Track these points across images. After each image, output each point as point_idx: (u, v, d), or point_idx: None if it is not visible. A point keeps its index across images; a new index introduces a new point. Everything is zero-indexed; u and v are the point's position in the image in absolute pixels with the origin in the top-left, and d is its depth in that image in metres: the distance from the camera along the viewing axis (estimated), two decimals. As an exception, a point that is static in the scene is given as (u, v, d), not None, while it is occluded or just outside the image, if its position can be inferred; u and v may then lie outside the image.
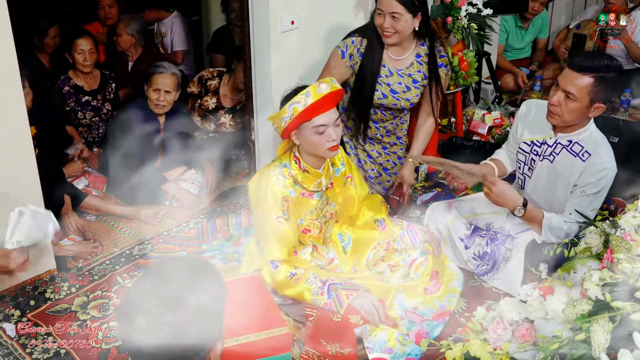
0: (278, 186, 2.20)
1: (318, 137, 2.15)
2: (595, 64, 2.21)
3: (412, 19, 2.66)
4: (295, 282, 2.17)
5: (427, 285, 2.40)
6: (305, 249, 2.36)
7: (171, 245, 2.99)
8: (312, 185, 2.28)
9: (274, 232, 2.20)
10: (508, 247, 2.59)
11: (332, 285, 2.17)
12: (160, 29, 4.56)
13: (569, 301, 1.66)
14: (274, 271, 2.19)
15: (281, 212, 2.20)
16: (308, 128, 2.14)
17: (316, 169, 2.26)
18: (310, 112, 2.10)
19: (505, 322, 1.80)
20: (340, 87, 2.20)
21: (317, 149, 2.17)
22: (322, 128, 2.13)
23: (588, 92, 2.22)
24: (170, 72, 3.31)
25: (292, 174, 2.24)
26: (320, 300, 2.14)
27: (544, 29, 5.07)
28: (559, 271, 1.92)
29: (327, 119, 2.14)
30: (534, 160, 2.51)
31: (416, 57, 2.83)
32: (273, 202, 2.19)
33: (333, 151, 2.19)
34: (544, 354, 1.64)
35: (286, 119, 2.12)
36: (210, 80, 3.77)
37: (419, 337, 2.22)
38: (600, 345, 1.47)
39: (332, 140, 2.16)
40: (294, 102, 2.10)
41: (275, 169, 2.23)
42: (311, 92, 2.09)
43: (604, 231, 1.94)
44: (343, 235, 2.51)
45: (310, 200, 2.28)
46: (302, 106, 2.09)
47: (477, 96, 4.57)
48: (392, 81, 2.83)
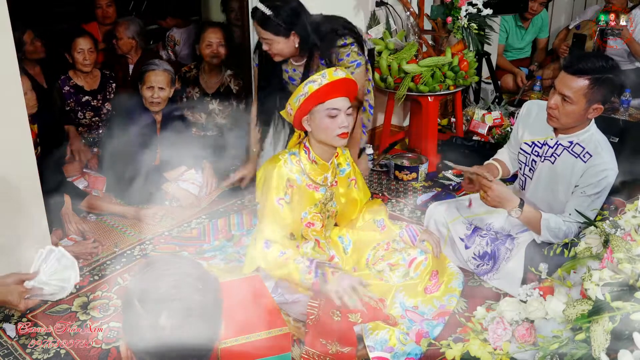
0: (285, 169, 2.23)
1: (329, 121, 2.18)
2: (589, 66, 2.20)
3: (285, 40, 2.67)
4: (285, 260, 2.18)
5: (427, 284, 2.41)
6: (308, 243, 2.37)
7: (172, 246, 2.99)
8: (318, 178, 2.30)
9: (272, 213, 2.21)
10: (508, 247, 2.59)
11: (319, 263, 2.18)
12: (173, 35, 4.56)
13: (569, 301, 1.66)
14: (267, 251, 2.20)
15: (283, 194, 2.21)
16: (321, 111, 2.17)
17: (324, 161, 2.28)
18: (325, 93, 2.14)
19: (505, 322, 1.80)
20: (355, 80, 2.25)
21: (328, 133, 2.19)
22: (334, 112, 2.17)
23: (584, 95, 2.22)
24: (163, 68, 3.32)
25: (301, 163, 2.26)
26: (308, 279, 2.15)
27: (543, 29, 5.08)
28: (559, 271, 1.91)
29: (340, 104, 2.18)
30: (535, 162, 2.51)
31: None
32: (277, 183, 2.21)
33: (343, 138, 2.22)
34: (544, 353, 1.64)
35: (301, 97, 2.15)
36: (188, 72, 3.82)
37: (419, 337, 2.22)
38: (600, 345, 1.47)
39: (343, 126, 2.19)
40: (310, 80, 2.14)
41: (284, 154, 2.28)
42: (327, 74, 2.14)
43: (604, 231, 1.94)
44: (343, 238, 2.53)
45: (315, 193, 2.30)
46: (317, 85, 2.13)
47: (477, 96, 4.57)
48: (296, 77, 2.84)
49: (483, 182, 2.36)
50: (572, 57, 2.65)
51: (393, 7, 3.92)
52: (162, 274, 1.16)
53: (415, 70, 3.59)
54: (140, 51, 4.12)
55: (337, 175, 2.40)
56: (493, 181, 2.35)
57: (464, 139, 3.93)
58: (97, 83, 3.74)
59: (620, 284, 1.59)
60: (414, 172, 3.66)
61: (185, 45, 4.53)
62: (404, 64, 3.60)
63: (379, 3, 3.89)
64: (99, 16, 4.24)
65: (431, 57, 3.65)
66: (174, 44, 4.55)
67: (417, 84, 3.60)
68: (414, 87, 3.62)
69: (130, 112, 3.32)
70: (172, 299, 1.12)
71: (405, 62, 3.61)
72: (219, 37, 3.66)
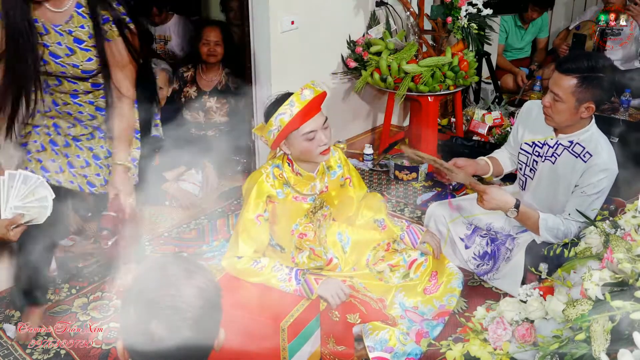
0: (266, 184, 2.18)
1: (308, 144, 2.12)
2: (577, 65, 2.23)
3: None
4: (260, 270, 2.16)
5: (426, 285, 2.41)
6: (302, 253, 2.35)
7: (171, 246, 2.99)
8: (305, 189, 2.26)
9: (247, 230, 2.18)
10: (508, 247, 2.59)
11: (299, 271, 2.17)
12: (161, 34, 4.54)
13: (569, 301, 1.66)
14: (236, 260, 2.18)
15: (262, 210, 2.18)
16: (297, 137, 2.11)
17: (310, 172, 2.25)
18: (297, 121, 2.08)
19: (505, 322, 1.80)
20: (324, 90, 2.17)
21: (309, 155, 2.15)
22: (311, 134, 2.11)
23: (572, 93, 2.24)
24: (160, 67, 3.32)
25: (284, 175, 2.22)
26: (289, 286, 2.13)
27: (543, 29, 5.08)
28: (559, 271, 1.91)
29: (315, 124, 2.11)
30: (536, 162, 2.51)
31: (76, 8, 2.10)
32: (256, 199, 2.17)
33: (325, 155, 2.17)
34: (544, 353, 1.64)
35: (274, 131, 2.09)
36: (185, 72, 3.81)
37: (419, 337, 2.22)
38: (600, 345, 1.47)
39: (323, 144, 2.13)
40: (279, 113, 2.06)
41: (267, 168, 2.22)
42: (295, 101, 2.06)
43: (604, 231, 1.94)
44: (342, 235, 2.49)
45: (303, 204, 2.26)
46: (288, 117, 2.06)
47: (477, 96, 4.57)
48: (49, 41, 2.11)
49: (477, 188, 2.39)
50: (565, 56, 2.67)
51: (393, 7, 3.92)
52: (160, 276, 1.15)
53: (415, 70, 3.59)
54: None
55: (329, 179, 2.36)
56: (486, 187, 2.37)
57: (464, 139, 3.94)
58: (96, 83, 3.74)
59: (620, 284, 1.59)
60: (414, 172, 3.67)
61: (178, 41, 4.49)
62: (404, 64, 3.61)
63: (379, 3, 3.90)
64: None
65: (431, 57, 3.65)
66: (164, 42, 4.52)
67: (417, 84, 3.60)
68: (414, 87, 3.62)
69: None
70: (169, 303, 1.11)
71: (405, 62, 3.61)
72: (217, 36, 3.67)
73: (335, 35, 3.81)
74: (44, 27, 2.08)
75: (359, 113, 4.21)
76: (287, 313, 2.07)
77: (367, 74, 3.71)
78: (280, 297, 2.14)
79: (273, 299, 2.14)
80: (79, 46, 2.12)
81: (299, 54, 3.53)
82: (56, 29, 2.09)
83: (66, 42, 2.10)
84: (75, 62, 2.13)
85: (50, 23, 2.08)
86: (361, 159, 3.94)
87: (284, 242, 2.30)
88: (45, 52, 2.11)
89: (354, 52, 3.83)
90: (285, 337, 2.02)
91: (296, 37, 3.46)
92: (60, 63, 2.13)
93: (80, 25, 2.10)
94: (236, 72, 3.76)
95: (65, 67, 2.14)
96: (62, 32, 2.09)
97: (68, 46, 2.11)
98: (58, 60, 2.13)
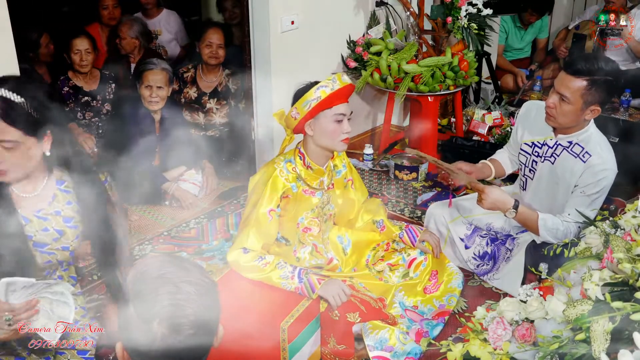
0: (281, 179, 2.21)
1: (335, 126, 2.18)
2: (588, 67, 2.21)
3: (37, 143, 1.71)
4: (263, 266, 2.18)
5: (426, 284, 2.41)
6: (305, 248, 2.36)
7: (171, 246, 2.99)
8: (314, 183, 2.29)
9: (259, 223, 2.19)
10: (508, 247, 2.59)
11: (302, 270, 2.19)
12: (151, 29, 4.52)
13: (569, 301, 1.66)
14: (243, 254, 2.19)
15: (276, 205, 2.20)
16: (328, 116, 2.17)
17: (320, 166, 2.27)
18: (334, 98, 2.14)
19: (505, 322, 1.80)
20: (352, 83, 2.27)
21: (333, 138, 2.19)
22: (341, 117, 2.18)
23: (581, 95, 2.23)
24: (161, 67, 3.31)
25: (296, 169, 2.25)
26: (291, 284, 2.15)
27: (543, 29, 5.08)
28: (559, 271, 1.91)
29: (345, 109, 2.20)
30: (536, 162, 2.51)
31: (58, 185, 1.88)
32: (271, 193, 2.19)
33: (345, 144, 2.23)
34: (544, 353, 1.64)
35: (312, 101, 2.13)
36: (185, 73, 3.81)
37: (418, 336, 2.23)
38: (600, 345, 1.47)
39: (347, 132, 2.20)
40: (321, 86, 2.13)
41: (280, 162, 2.25)
42: (337, 79, 2.15)
43: (604, 231, 1.94)
44: (342, 238, 2.51)
45: (312, 198, 2.29)
46: (329, 89, 2.13)
47: (477, 96, 4.57)
48: (32, 230, 1.84)
49: (477, 188, 2.39)
50: (573, 57, 2.65)
51: (393, 7, 3.92)
52: (159, 277, 1.15)
53: (415, 70, 3.59)
54: (142, 51, 4.13)
55: (334, 178, 2.39)
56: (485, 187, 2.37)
57: (464, 139, 3.93)
58: (96, 83, 3.74)
59: (620, 284, 1.59)
60: (414, 172, 3.67)
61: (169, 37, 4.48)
62: (404, 64, 3.61)
63: (379, 3, 3.90)
64: (105, 17, 4.23)
65: (431, 57, 3.65)
66: (155, 37, 4.51)
67: (417, 84, 3.60)
68: (414, 87, 3.62)
69: (130, 112, 3.32)
70: (169, 300, 1.11)
71: (405, 62, 3.62)
72: (220, 39, 3.65)
73: (335, 35, 3.81)
74: (23, 218, 1.82)
75: (359, 113, 4.22)
76: (288, 313, 2.07)
77: (367, 74, 3.71)
78: (280, 297, 2.14)
79: (273, 300, 2.14)
80: (67, 225, 1.92)
81: (299, 54, 3.53)
82: (38, 214, 1.85)
83: (54, 226, 1.88)
84: (65, 244, 1.95)
85: (32, 212, 1.84)
86: (361, 159, 3.94)
87: (289, 235, 2.32)
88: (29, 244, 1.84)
89: (354, 52, 3.83)
90: (286, 337, 2.02)
91: (296, 37, 3.46)
92: (48, 251, 1.92)
93: (66, 201, 1.90)
94: (236, 73, 3.76)
95: (51, 255, 1.93)
96: (47, 217, 1.87)
97: (57, 229, 1.89)
98: (44, 249, 1.90)
